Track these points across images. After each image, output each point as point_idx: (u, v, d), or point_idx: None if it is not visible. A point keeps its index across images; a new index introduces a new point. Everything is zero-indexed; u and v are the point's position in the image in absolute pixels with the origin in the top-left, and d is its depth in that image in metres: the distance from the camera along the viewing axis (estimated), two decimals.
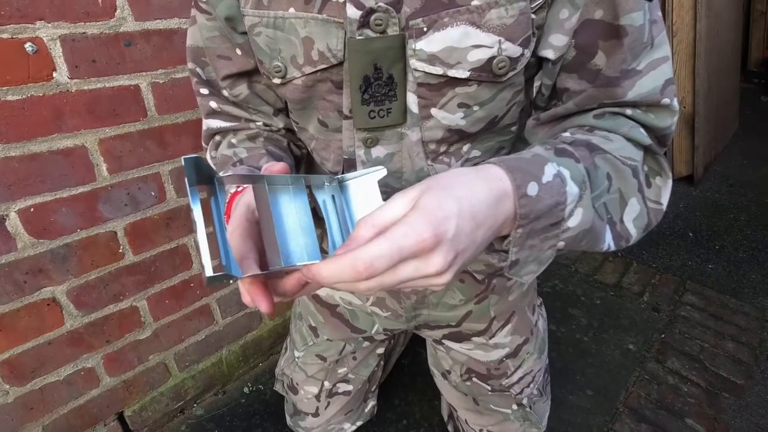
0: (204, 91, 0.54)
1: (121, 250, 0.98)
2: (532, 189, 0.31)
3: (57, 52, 0.78)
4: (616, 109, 0.41)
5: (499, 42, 0.38)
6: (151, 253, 1.02)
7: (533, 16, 0.38)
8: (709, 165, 2.46)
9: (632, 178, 0.39)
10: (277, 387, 0.89)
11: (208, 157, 0.57)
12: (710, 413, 1.15)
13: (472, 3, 0.37)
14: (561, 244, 0.35)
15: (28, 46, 0.74)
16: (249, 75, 0.52)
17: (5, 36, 0.72)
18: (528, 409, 0.73)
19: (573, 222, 0.34)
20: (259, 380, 1.32)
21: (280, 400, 1.12)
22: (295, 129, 0.55)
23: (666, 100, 0.40)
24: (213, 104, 0.55)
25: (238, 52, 0.49)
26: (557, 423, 1.14)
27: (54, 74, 0.79)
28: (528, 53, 0.40)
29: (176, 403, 1.20)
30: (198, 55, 0.52)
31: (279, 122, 0.56)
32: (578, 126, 0.43)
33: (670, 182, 0.42)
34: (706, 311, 1.50)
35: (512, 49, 0.39)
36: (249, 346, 1.32)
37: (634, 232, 0.40)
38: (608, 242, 0.39)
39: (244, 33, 0.47)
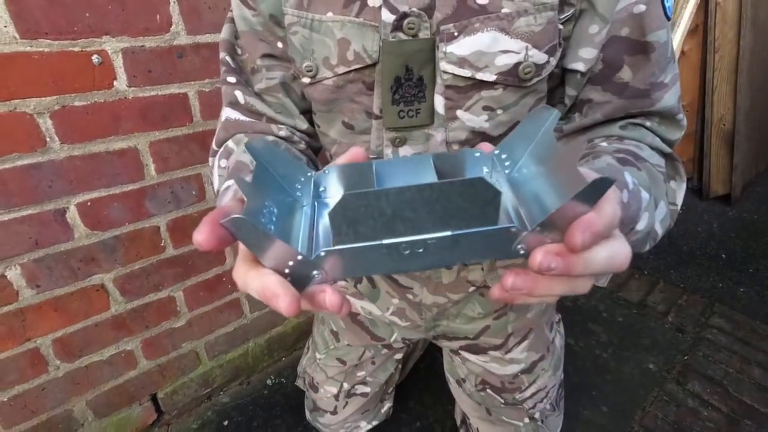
0: (231, 79, 0.53)
1: (162, 244, 1.05)
2: (625, 196, 0.32)
3: (119, 63, 0.85)
4: (638, 120, 0.45)
5: (526, 48, 0.40)
6: (189, 247, 1.09)
7: (560, 26, 0.41)
8: (748, 184, 2.37)
9: (663, 183, 0.42)
10: (299, 383, 0.93)
11: (215, 167, 0.51)
12: None
13: (503, 10, 0.39)
14: None
15: (94, 58, 0.82)
16: (285, 65, 0.51)
17: (76, 49, 0.80)
18: (540, 423, 0.74)
19: (641, 225, 0.35)
20: (281, 374, 1.37)
21: (299, 394, 1.17)
22: (318, 133, 0.56)
23: (680, 115, 0.44)
24: (238, 94, 0.53)
25: (280, 45, 0.50)
26: None
27: (114, 83, 0.86)
28: (554, 61, 0.42)
29: (204, 389, 1.27)
30: (231, 46, 0.53)
31: (302, 123, 0.55)
32: (605, 136, 0.45)
33: (684, 185, 0.46)
34: (733, 335, 1.46)
35: (538, 56, 0.41)
36: (274, 340, 1.38)
37: (660, 233, 0.42)
38: (649, 243, 0.41)
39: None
